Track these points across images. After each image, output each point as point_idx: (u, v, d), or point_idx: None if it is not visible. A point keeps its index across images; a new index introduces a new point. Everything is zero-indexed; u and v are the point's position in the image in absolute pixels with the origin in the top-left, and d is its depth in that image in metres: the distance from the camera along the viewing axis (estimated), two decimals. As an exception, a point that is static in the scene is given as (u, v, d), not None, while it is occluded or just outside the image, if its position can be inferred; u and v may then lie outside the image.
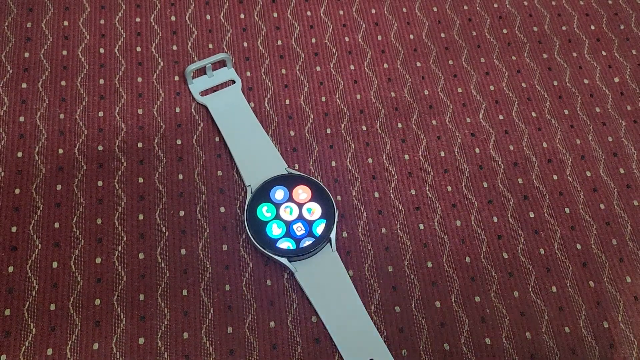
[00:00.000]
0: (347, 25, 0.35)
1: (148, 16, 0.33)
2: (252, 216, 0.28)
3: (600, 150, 0.32)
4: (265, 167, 0.30)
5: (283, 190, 0.29)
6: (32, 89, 0.31)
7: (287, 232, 0.28)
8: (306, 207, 0.29)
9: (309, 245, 0.28)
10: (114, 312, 0.27)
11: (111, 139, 0.30)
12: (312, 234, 0.28)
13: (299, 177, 0.29)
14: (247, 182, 0.30)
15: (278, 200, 0.29)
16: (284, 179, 0.29)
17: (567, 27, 0.36)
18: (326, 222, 0.28)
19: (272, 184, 0.29)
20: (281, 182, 0.29)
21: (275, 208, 0.29)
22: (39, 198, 0.29)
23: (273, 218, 0.28)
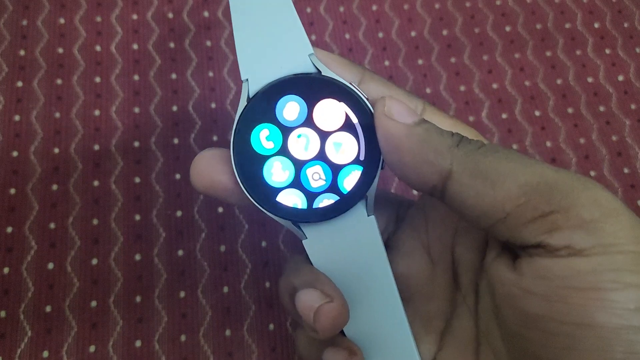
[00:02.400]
0: (348, 22, 0.34)
1: (145, 13, 0.33)
2: (243, 143, 0.18)
3: (604, 149, 0.32)
4: (277, 52, 0.18)
5: (299, 104, 0.18)
6: (27, 87, 0.30)
7: (296, 178, 0.18)
8: (333, 141, 0.18)
9: (327, 208, 0.18)
10: (110, 314, 0.27)
11: (107, 138, 0.30)
12: (335, 188, 0.18)
13: (329, 84, 0.18)
14: (245, 74, 0.18)
15: (288, 122, 0.18)
16: (304, 83, 0.18)
17: (570, 25, 0.35)
18: (363, 170, 0.18)
19: (282, 89, 0.18)
20: (298, 89, 0.18)
21: (281, 135, 0.18)
22: (35, 198, 0.28)
23: (276, 152, 0.18)
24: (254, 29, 0.19)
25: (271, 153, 0.18)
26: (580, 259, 0.14)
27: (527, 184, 0.15)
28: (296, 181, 0.18)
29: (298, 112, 0.18)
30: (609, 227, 0.14)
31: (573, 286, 0.14)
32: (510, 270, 0.16)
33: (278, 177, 0.18)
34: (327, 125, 0.18)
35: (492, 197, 0.15)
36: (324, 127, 0.18)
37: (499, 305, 0.16)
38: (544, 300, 0.14)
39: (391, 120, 0.17)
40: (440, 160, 0.16)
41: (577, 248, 0.14)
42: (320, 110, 0.18)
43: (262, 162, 0.18)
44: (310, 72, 0.18)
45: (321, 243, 0.18)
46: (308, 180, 0.18)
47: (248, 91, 0.18)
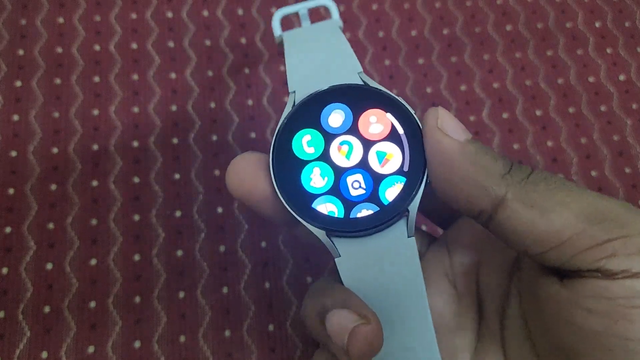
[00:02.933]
0: (348, 21, 0.34)
1: (144, 13, 0.33)
2: (283, 147, 0.17)
3: (606, 149, 0.32)
4: (326, 68, 0.18)
5: (344, 112, 0.18)
6: (26, 87, 0.30)
7: (335, 185, 0.17)
8: (376, 150, 0.17)
9: (366, 218, 0.17)
10: (109, 314, 0.26)
11: (107, 138, 0.30)
12: (376, 199, 0.17)
13: (376, 94, 0.18)
14: (291, 87, 0.18)
15: (332, 129, 0.17)
16: (350, 92, 0.18)
17: (571, 24, 0.35)
18: (406, 182, 0.17)
19: (328, 97, 0.18)
20: (344, 98, 0.18)
21: (324, 141, 0.17)
22: (34, 198, 0.28)
23: (316, 158, 0.17)
24: (306, 53, 0.19)
25: (311, 158, 0.17)
26: (638, 280, 0.15)
27: (582, 213, 0.15)
28: (335, 188, 0.17)
29: (343, 119, 0.18)
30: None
31: (633, 305, 0.15)
32: (563, 289, 0.16)
33: (316, 183, 0.17)
34: (372, 134, 0.17)
35: (546, 226, 0.15)
36: (368, 136, 0.17)
37: (549, 323, 0.17)
38: (606, 317, 0.15)
39: (443, 134, 0.16)
40: (495, 186, 0.16)
41: (635, 271, 0.15)
42: (365, 119, 0.18)
43: (301, 167, 0.17)
44: (359, 83, 0.18)
45: (355, 262, 0.17)
46: (347, 188, 0.17)
47: (294, 100, 0.18)
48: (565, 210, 0.15)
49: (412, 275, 0.17)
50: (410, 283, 0.17)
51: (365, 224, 0.17)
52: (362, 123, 0.18)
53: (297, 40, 0.20)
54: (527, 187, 0.16)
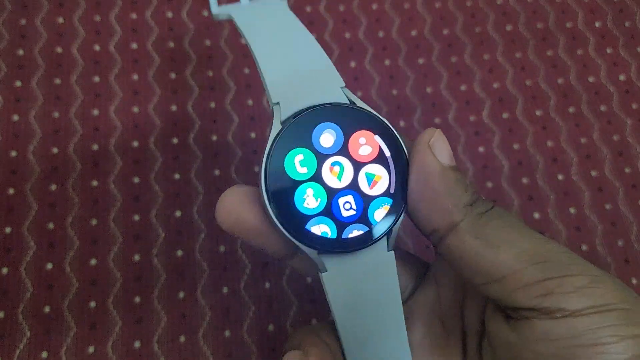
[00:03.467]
0: (348, 21, 0.34)
1: (144, 13, 0.33)
2: (276, 167, 0.17)
3: (606, 149, 0.32)
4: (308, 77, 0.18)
5: (335, 133, 0.18)
6: (26, 87, 0.30)
7: (328, 207, 0.17)
8: (365, 171, 0.18)
9: (357, 238, 0.17)
10: (109, 314, 0.26)
11: (107, 138, 0.30)
12: (365, 220, 0.17)
13: (365, 116, 0.18)
14: (275, 98, 0.18)
15: (324, 149, 0.17)
16: (341, 112, 0.18)
17: (571, 24, 0.35)
18: (392, 204, 0.18)
19: (319, 116, 0.17)
20: (335, 117, 0.18)
21: (316, 161, 0.17)
22: (33, 198, 0.28)
23: (309, 178, 0.17)
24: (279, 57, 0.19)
25: (305, 178, 0.17)
26: (576, 319, 0.16)
27: (524, 252, 0.16)
28: (327, 209, 0.17)
29: (334, 140, 0.18)
30: (598, 291, 0.16)
31: (576, 344, 0.15)
32: (512, 333, 0.17)
33: (310, 204, 0.17)
34: (362, 155, 0.18)
35: (490, 260, 0.17)
36: (358, 157, 0.18)
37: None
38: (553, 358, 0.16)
39: (431, 153, 0.18)
40: (455, 212, 0.17)
41: (572, 309, 0.16)
42: (355, 140, 0.18)
43: (294, 188, 0.17)
44: (347, 103, 0.18)
45: (339, 277, 0.18)
46: (339, 209, 0.17)
47: (281, 115, 0.18)
48: (509, 248, 0.17)
49: (389, 287, 0.18)
50: (388, 294, 0.18)
51: (356, 244, 0.17)
52: (352, 144, 0.18)
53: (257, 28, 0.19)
54: (482, 221, 0.17)
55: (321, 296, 0.28)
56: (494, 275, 0.17)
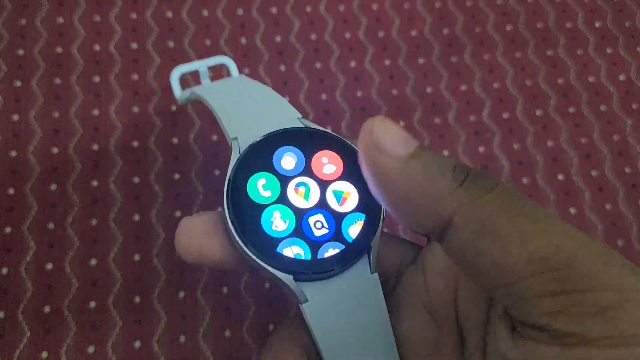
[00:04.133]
0: (348, 21, 0.34)
1: (144, 12, 0.33)
2: (238, 194, 0.17)
3: (606, 149, 0.32)
4: (264, 114, 0.19)
5: (296, 155, 0.17)
6: (26, 87, 0.30)
7: (298, 227, 0.17)
8: (333, 189, 0.17)
9: (333, 257, 0.16)
10: (109, 314, 0.26)
11: (107, 137, 0.30)
12: (340, 237, 0.17)
13: (324, 136, 0.18)
14: (232, 133, 0.18)
15: (286, 171, 0.17)
16: (299, 136, 0.18)
17: (571, 24, 0.35)
18: (366, 218, 0.17)
19: (277, 141, 0.17)
20: (293, 141, 0.18)
21: (279, 184, 0.17)
22: (34, 198, 0.28)
23: (274, 201, 0.17)
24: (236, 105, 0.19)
25: (270, 202, 0.17)
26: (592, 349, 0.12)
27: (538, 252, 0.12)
28: (298, 230, 0.17)
29: (295, 162, 0.17)
30: (629, 316, 0.12)
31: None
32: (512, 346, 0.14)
33: (278, 226, 0.17)
34: (326, 174, 0.17)
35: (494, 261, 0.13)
36: (323, 176, 0.17)
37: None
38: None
39: (379, 152, 0.14)
40: (440, 207, 0.13)
41: (590, 337, 0.12)
42: (317, 160, 0.18)
43: (260, 211, 0.17)
44: (302, 126, 0.18)
45: (322, 305, 0.17)
46: (310, 228, 0.17)
47: (239, 148, 0.18)
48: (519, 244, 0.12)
49: (377, 312, 0.17)
50: (375, 319, 0.17)
51: (333, 263, 0.16)
52: (315, 164, 0.18)
53: (218, 91, 0.20)
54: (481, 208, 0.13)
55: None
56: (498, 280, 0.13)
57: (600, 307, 0.12)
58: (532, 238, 0.13)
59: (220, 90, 0.21)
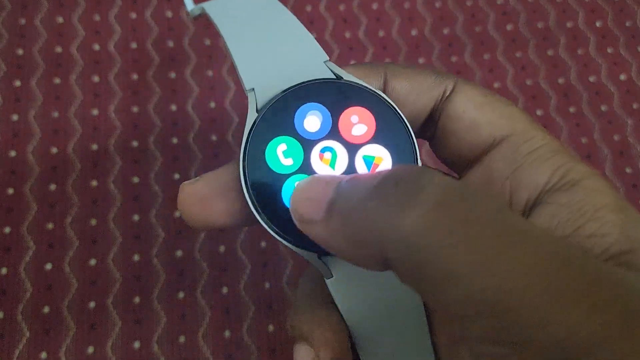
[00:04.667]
0: (348, 20, 0.34)
1: (144, 12, 0.33)
2: (256, 161, 0.15)
3: (606, 149, 0.32)
4: (286, 55, 0.16)
5: (321, 114, 0.15)
6: (26, 87, 0.30)
7: None
8: (363, 154, 0.15)
9: None
10: (109, 315, 0.26)
11: (106, 137, 0.30)
12: None
13: (355, 89, 0.15)
14: (249, 83, 0.16)
15: (310, 134, 0.15)
16: (325, 89, 0.15)
17: (572, 24, 0.35)
18: None
19: (299, 97, 0.15)
20: (318, 96, 0.15)
21: (302, 149, 0.15)
22: (33, 198, 0.28)
23: (297, 170, 0.15)
24: (251, 34, 0.16)
25: (291, 171, 0.15)
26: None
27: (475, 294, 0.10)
28: None
29: (321, 122, 0.15)
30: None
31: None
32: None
33: None
34: (356, 136, 0.15)
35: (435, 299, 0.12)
36: (352, 139, 0.15)
37: None
38: None
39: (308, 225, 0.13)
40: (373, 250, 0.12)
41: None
42: (346, 119, 0.15)
43: (280, 183, 0.15)
44: (332, 77, 0.16)
45: (348, 281, 0.15)
46: None
47: (256, 102, 0.15)
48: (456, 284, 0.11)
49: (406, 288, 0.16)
50: (403, 293, 0.16)
51: None
52: (343, 124, 0.15)
53: (230, 15, 0.17)
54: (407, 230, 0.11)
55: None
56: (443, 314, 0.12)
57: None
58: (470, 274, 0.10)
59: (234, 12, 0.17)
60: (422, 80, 0.17)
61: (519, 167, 0.15)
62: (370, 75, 0.16)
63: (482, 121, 0.16)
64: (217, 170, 0.16)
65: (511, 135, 0.16)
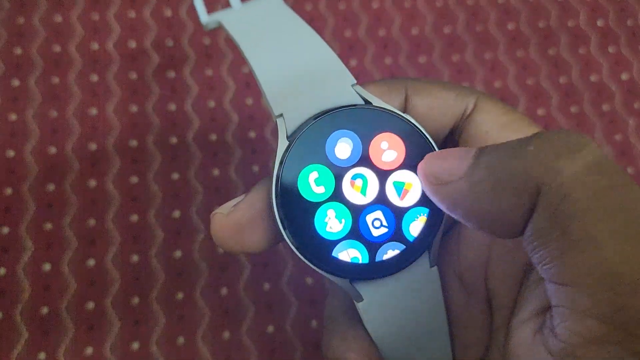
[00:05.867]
0: (348, 19, 0.34)
1: (142, 11, 0.33)
2: (288, 191, 0.15)
3: (608, 148, 0.32)
4: (313, 83, 0.16)
5: (352, 141, 0.15)
6: (24, 86, 0.30)
7: (354, 227, 0.15)
8: (393, 180, 0.16)
9: (393, 259, 0.15)
10: (107, 316, 0.26)
11: (105, 137, 0.29)
12: (400, 236, 0.15)
13: (384, 116, 0.16)
14: (278, 109, 0.16)
15: (341, 162, 0.15)
16: (355, 116, 0.15)
17: (573, 23, 0.35)
18: (429, 213, 0.15)
19: (330, 124, 0.15)
20: (349, 123, 0.15)
21: (334, 177, 0.15)
22: (31, 198, 0.28)
23: (329, 198, 0.15)
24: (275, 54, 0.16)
25: (323, 199, 0.15)
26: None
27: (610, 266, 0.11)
28: (354, 230, 0.15)
29: (351, 149, 0.15)
30: None
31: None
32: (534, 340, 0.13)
33: (333, 227, 0.15)
34: (386, 162, 0.15)
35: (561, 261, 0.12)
36: (382, 165, 0.15)
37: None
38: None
39: (445, 186, 0.14)
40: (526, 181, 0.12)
41: None
42: (376, 146, 0.15)
43: (313, 211, 0.15)
44: (361, 103, 0.16)
45: (378, 304, 0.15)
46: (368, 228, 0.15)
47: (286, 128, 0.15)
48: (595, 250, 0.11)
49: (434, 306, 0.16)
50: (432, 314, 0.16)
51: (393, 266, 0.15)
52: (373, 151, 0.15)
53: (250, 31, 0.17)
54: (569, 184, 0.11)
55: (321, 297, 0.28)
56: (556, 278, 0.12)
57: None
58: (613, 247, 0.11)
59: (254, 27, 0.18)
60: (443, 97, 0.17)
61: None
62: (392, 92, 0.17)
63: None
64: (248, 198, 0.16)
65: None
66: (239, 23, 0.18)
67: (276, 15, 0.18)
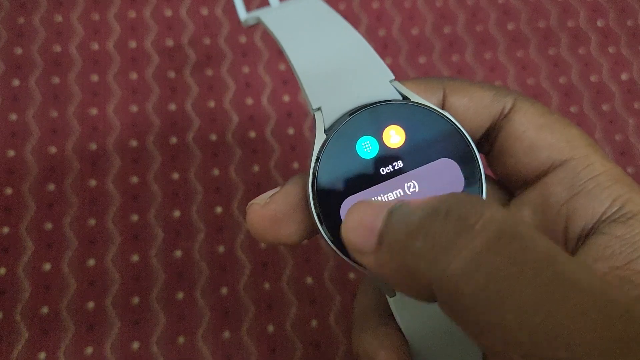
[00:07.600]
0: (349, 19, 0.34)
1: (143, 11, 0.33)
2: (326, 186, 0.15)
3: (608, 148, 0.32)
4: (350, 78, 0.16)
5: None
6: (24, 86, 0.30)
7: None
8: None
9: None
10: (107, 315, 0.26)
11: (105, 137, 0.29)
12: None
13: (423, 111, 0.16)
14: (316, 102, 0.16)
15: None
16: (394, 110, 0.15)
17: (573, 23, 0.35)
18: None
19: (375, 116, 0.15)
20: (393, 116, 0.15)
21: None
22: (31, 198, 0.28)
23: None
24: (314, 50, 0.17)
25: None
26: None
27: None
28: None
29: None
30: None
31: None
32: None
33: None
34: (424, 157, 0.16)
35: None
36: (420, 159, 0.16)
37: None
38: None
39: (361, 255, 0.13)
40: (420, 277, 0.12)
41: None
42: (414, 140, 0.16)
43: None
44: (396, 99, 0.16)
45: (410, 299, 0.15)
46: None
47: (324, 122, 0.15)
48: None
49: None
50: None
51: None
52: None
53: (290, 27, 0.18)
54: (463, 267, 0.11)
55: (321, 297, 0.28)
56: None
57: None
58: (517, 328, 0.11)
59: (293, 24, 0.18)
60: (481, 97, 0.17)
61: (577, 194, 0.15)
62: (430, 91, 0.17)
63: (542, 144, 0.16)
64: (284, 190, 0.16)
65: (571, 159, 0.16)
66: (277, 19, 0.18)
67: (314, 11, 0.18)
